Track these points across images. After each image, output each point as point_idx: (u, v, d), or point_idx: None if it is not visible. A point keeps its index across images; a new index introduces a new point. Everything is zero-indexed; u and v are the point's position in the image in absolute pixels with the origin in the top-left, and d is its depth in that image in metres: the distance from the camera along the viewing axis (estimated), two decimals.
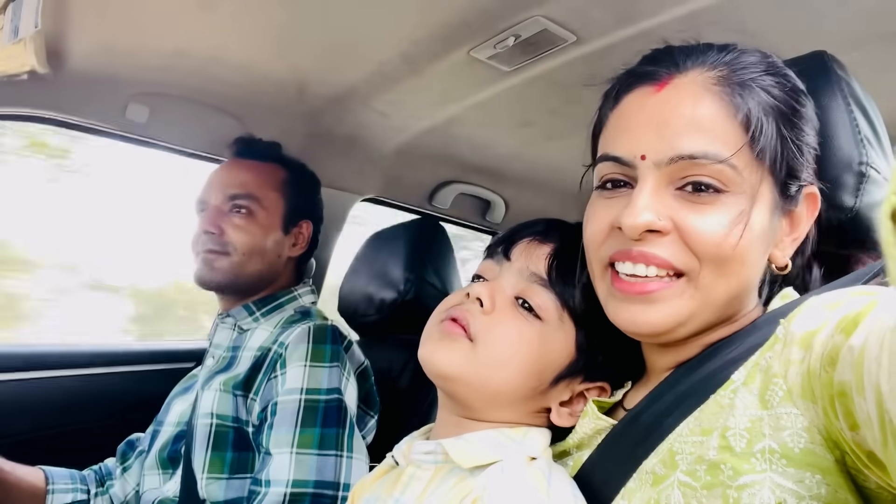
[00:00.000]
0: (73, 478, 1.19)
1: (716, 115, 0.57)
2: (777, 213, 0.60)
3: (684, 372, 0.62)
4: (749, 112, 0.57)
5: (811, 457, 0.47)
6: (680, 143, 0.57)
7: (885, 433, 0.36)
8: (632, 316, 0.60)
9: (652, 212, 0.57)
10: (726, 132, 0.57)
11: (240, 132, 1.33)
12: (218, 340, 1.24)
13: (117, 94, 1.24)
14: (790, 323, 0.53)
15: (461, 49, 1.06)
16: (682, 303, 0.58)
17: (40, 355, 1.42)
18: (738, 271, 0.58)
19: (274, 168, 1.28)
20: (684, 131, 0.57)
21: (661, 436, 0.58)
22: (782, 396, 0.50)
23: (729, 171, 0.56)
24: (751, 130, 0.57)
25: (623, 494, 0.60)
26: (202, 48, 1.12)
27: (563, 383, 0.69)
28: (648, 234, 0.58)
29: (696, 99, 0.58)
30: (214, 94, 1.29)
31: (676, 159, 0.57)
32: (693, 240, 0.57)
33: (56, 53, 1.09)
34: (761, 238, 0.58)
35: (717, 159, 0.56)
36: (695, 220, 0.57)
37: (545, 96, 1.21)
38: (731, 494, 0.49)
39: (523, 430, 0.68)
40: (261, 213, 1.22)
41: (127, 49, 1.13)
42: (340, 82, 1.25)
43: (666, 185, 0.58)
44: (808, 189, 0.61)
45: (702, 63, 0.60)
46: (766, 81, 0.59)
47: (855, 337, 0.42)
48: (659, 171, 0.58)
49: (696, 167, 0.56)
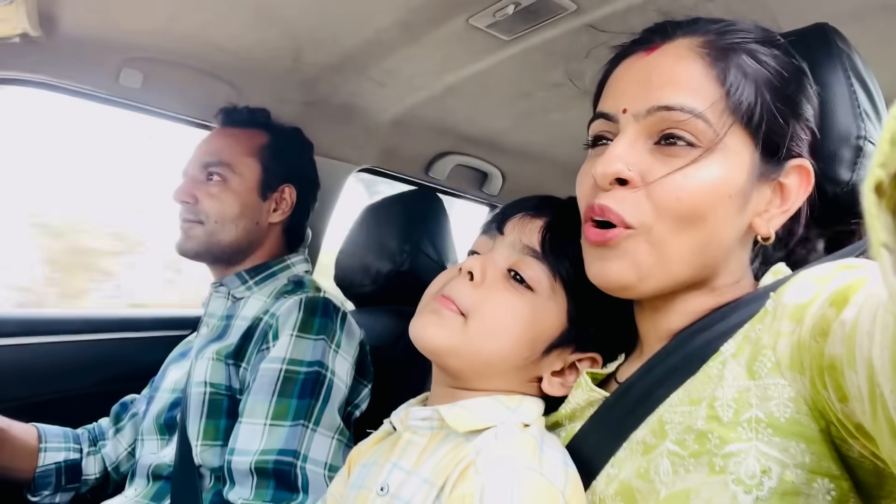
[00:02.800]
0: (66, 437, 1.21)
1: (694, 72, 0.59)
2: (757, 178, 0.60)
3: (676, 345, 0.63)
4: (727, 70, 0.58)
5: (797, 426, 0.48)
6: (658, 95, 0.59)
7: (874, 406, 0.36)
8: (598, 269, 0.62)
9: (623, 162, 0.59)
10: (703, 88, 0.58)
11: (235, 99, 1.32)
12: (212, 309, 1.24)
13: (111, 58, 1.22)
14: (780, 296, 0.54)
15: (460, 17, 1.05)
16: (639, 257, 0.60)
17: (37, 321, 1.43)
18: (698, 228, 0.58)
19: (253, 133, 1.27)
20: (663, 86, 0.59)
21: (652, 406, 0.60)
22: (770, 368, 0.51)
23: (702, 125, 0.57)
24: (726, 86, 0.58)
25: (613, 463, 0.61)
26: (196, 12, 1.10)
27: (555, 353, 0.70)
28: (618, 185, 0.60)
29: (679, 58, 0.60)
30: (209, 61, 1.27)
31: (653, 110, 0.59)
32: (656, 192, 0.58)
33: (48, 16, 1.07)
34: (731, 200, 0.58)
35: (692, 111, 0.57)
36: (661, 173, 0.58)
37: (544, 67, 1.20)
38: (718, 462, 0.51)
39: (518, 398, 0.69)
40: (234, 180, 1.21)
41: (120, 12, 1.11)
42: (336, 50, 1.23)
43: (645, 139, 0.60)
44: (798, 161, 0.61)
45: (692, 31, 0.62)
46: (753, 47, 0.60)
47: (847, 311, 0.42)
48: (638, 124, 0.60)
49: (670, 119, 0.58)
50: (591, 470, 0.63)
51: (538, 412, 0.70)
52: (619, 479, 0.59)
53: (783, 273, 0.63)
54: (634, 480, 0.57)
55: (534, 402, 0.70)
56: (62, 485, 1.16)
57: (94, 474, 1.22)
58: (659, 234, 0.59)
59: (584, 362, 0.71)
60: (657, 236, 0.59)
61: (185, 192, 1.20)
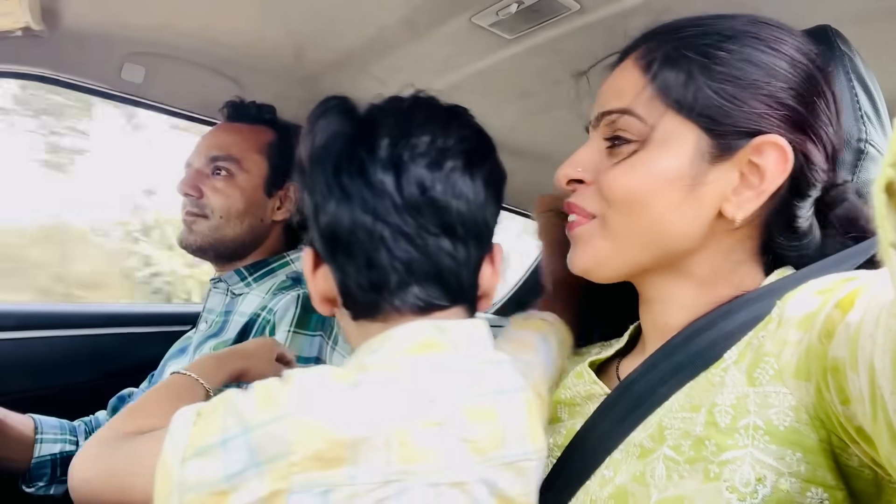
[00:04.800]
0: (63, 428, 1.20)
1: (630, 77, 0.64)
2: (710, 160, 0.59)
3: (680, 342, 0.62)
4: (651, 62, 0.62)
5: (795, 435, 0.48)
6: (602, 104, 0.66)
7: (874, 408, 0.36)
8: (569, 257, 0.69)
9: (573, 165, 0.67)
10: (632, 86, 0.63)
11: (237, 95, 1.32)
12: (211, 305, 1.24)
13: (113, 53, 1.22)
14: (785, 304, 0.54)
15: (463, 15, 1.05)
16: (597, 243, 0.65)
17: (36, 314, 1.43)
18: (644, 213, 0.61)
19: (260, 130, 1.27)
20: (609, 96, 0.66)
21: (653, 406, 0.60)
22: (772, 375, 0.51)
23: (633, 120, 0.62)
24: (648, 75, 0.62)
25: (608, 464, 0.61)
26: (199, 8, 1.10)
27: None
28: (577, 184, 0.68)
29: (624, 70, 0.65)
30: (211, 56, 1.27)
31: (600, 117, 0.65)
32: (602, 185, 0.64)
33: (51, 11, 1.07)
34: (672, 183, 0.60)
35: (622, 110, 0.62)
36: (606, 168, 0.64)
37: (546, 66, 1.20)
38: (713, 469, 0.50)
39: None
40: (241, 176, 1.21)
41: (122, 7, 1.11)
42: (339, 47, 1.23)
43: (603, 144, 0.66)
44: (764, 137, 0.58)
45: (647, 41, 0.65)
46: (681, 34, 0.62)
47: (852, 314, 0.42)
48: (595, 132, 0.67)
49: (611, 122, 0.64)
50: (586, 468, 0.62)
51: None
52: (614, 482, 0.59)
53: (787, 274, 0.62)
54: (630, 484, 0.57)
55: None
56: (57, 476, 1.16)
57: None
58: (611, 221, 0.63)
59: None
60: (610, 224, 0.64)
61: (190, 185, 1.19)
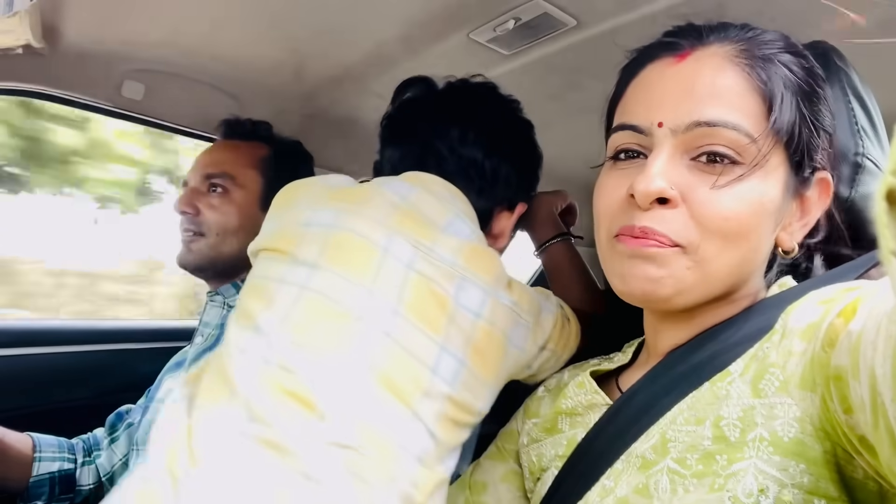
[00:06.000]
0: (62, 446, 1.19)
1: (736, 86, 0.56)
2: (789, 193, 0.59)
3: (683, 353, 0.62)
4: (771, 85, 0.56)
5: (799, 446, 0.47)
6: (699, 109, 0.56)
7: (876, 416, 0.36)
8: (633, 272, 0.58)
9: (665, 179, 0.56)
10: (746, 103, 0.56)
11: (236, 111, 1.32)
12: (207, 319, 1.23)
13: (113, 70, 1.22)
14: (788, 316, 0.53)
15: (461, 31, 1.05)
16: (681, 272, 0.57)
17: (33, 331, 1.42)
18: (742, 246, 0.57)
19: (255, 146, 1.27)
20: (704, 99, 0.56)
21: (656, 416, 0.59)
22: (778, 386, 0.51)
23: (746, 141, 0.55)
24: (770, 103, 0.56)
25: (609, 475, 0.60)
26: (198, 26, 1.11)
27: None
28: (658, 204, 0.57)
29: (718, 69, 0.57)
30: (210, 73, 1.27)
31: (693, 126, 0.56)
32: (700, 211, 0.56)
33: (52, 28, 1.08)
34: (771, 216, 0.57)
35: (737, 128, 0.55)
36: (704, 192, 0.56)
37: (543, 81, 1.21)
38: (718, 482, 0.50)
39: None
40: (236, 192, 1.21)
41: (123, 25, 1.11)
42: (338, 64, 1.23)
43: (682, 155, 0.57)
44: (821, 174, 0.60)
45: (724, 37, 0.59)
46: (786, 58, 0.59)
47: (854, 322, 0.42)
48: (675, 139, 0.57)
49: (713, 136, 0.55)
50: (587, 478, 0.62)
51: None
52: (615, 493, 0.58)
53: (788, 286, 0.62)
54: (632, 496, 0.56)
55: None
56: (56, 495, 1.15)
57: (88, 484, 1.21)
58: (704, 252, 0.56)
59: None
60: (703, 255, 0.56)
61: (186, 203, 1.20)
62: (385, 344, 0.66)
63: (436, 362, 0.66)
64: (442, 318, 0.67)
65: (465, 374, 0.68)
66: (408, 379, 0.65)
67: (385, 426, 0.64)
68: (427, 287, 0.68)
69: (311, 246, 0.71)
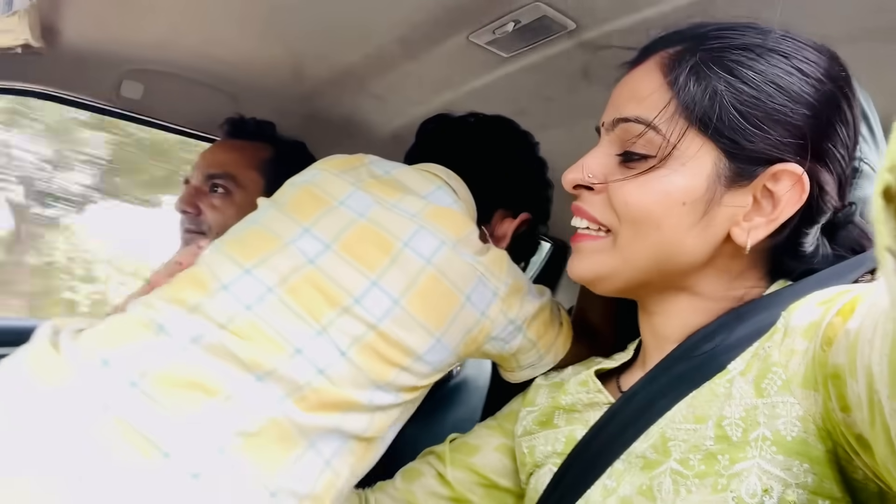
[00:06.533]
0: None
1: (651, 84, 0.61)
2: (727, 184, 0.58)
3: (679, 355, 0.62)
4: (678, 75, 0.58)
5: (802, 446, 0.48)
6: (620, 108, 0.63)
7: (872, 413, 0.36)
8: (570, 264, 0.69)
9: (585, 170, 0.65)
10: (655, 97, 0.60)
11: (236, 111, 1.32)
12: None
13: (112, 70, 1.22)
14: (791, 315, 0.54)
15: (460, 34, 1.06)
16: (602, 258, 0.64)
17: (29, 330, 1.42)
18: (652, 234, 0.60)
19: (258, 147, 1.27)
20: (626, 99, 0.63)
21: (654, 417, 0.59)
22: (780, 385, 0.51)
23: (653, 134, 0.59)
24: (674, 90, 0.58)
25: (610, 474, 0.61)
26: (197, 26, 1.11)
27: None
28: (584, 190, 0.66)
29: (646, 72, 0.63)
30: (210, 73, 1.27)
31: (616, 123, 0.63)
32: (611, 198, 0.62)
33: (51, 28, 1.08)
34: (686, 206, 0.58)
35: (643, 121, 0.60)
36: (618, 179, 0.62)
37: (542, 84, 1.21)
38: (721, 482, 0.50)
39: None
40: (238, 193, 1.22)
41: (122, 25, 1.11)
42: (337, 65, 1.23)
43: (615, 150, 0.64)
44: (781, 166, 0.57)
45: (671, 44, 0.62)
46: (724, 53, 0.58)
47: (852, 321, 0.42)
48: (608, 136, 0.65)
49: (629, 131, 0.61)
50: (587, 477, 0.62)
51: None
52: (617, 493, 0.59)
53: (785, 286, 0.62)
54: (636, 497, 0.56)
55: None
56: None
57: None
58: (621, 238, 0.62)
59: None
60: (620, 241, 0.62)
61: (187, 203, 1.20)
62: (305, 269, 0.69)
63: (361, 294, 0.68)
64: (382, 258, 0.70)
65: (397, 312, 0.69)
66: (321, 298, 0.68)
67: (284, 327, 0.67)
68: (370, 230, 0.72)
69: (284, 196, 0.80)
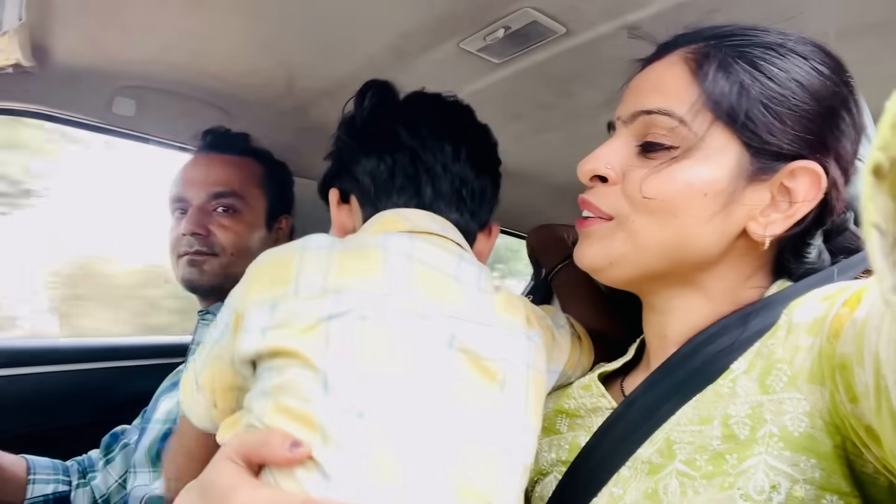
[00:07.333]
0: (56, 468, 1.18)
1: (677, 77, 0.61)
2: (748, 178, 0.59)
3: (680, 359, 0.62)
4: (707, 70, 0.58)
5: (809, 441, 0.47)
6: (642, 101, 0.62)
7: (879, 400, 0.36)
8: (577, 251, 0.68)
9: (603, 161, 0.64)
10: (683, 90, 0.60)
11: (229, 126, 1.32)
12: (199, 338, 1.22)
13: (103, 87, 1.22)
14: (793, 311, 0.54)
15: (451, 41, 1.06)
16: (614, 243, 0.63)
17: (27, 351, 1.41)
18: (670, 223, 0.60)
19: (252, 163, 1.27)
20: (648, 92, 0.63)
21: (657, 423, 0.59)
22: (786, 382, 0.51)
23: (679, 126, 0.59)
24: (704, 85, 0.58)
25: (616, 481, 0.60)
26: (188, 42, 1.11)
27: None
28: (598, 181, 0.65)
29: (669, 66, 0.62)
30: (202, 88, 1.27)
31: (637, 115, 0.62)
32: (628, 188, 0.62)
33: (41, 47, 1.08)
34: (707, 197, 0.58)
35: (669, 113, 0.59)
36: (639, 173, 0.61)
37: (534, 89, 1.21)
38: (728, 480, 0.50)
39: None
40: (246, 212, 1.21)
41: (112, 43, 1.11)
42: (329, 76, 1.23)
43: (633, 143, 0.63)
44: (800, 163, 0.58)
45: (693, 40, 0.62)
46: (747, 49, 0.59)
47: (859, 310, 0.42)
48: (626, 128, 0.64)
49: (651, 124, 0.61)
50: (593, 484, 0.62)
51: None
52: (624, 500, 0.58)
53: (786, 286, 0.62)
54: (642, 502, 0.56)
55: None
56: None
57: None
58: (634, 225, 0.62)
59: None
60: (632, 227, 0.62)
61: (196, 224, 1.18)
62: (457, 457, 0.55)
63: (509, 443, 0.58)
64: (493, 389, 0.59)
65: (530, 437, 0.61)
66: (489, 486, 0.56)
67: None
68: (472, 364, 0.59)
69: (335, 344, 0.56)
